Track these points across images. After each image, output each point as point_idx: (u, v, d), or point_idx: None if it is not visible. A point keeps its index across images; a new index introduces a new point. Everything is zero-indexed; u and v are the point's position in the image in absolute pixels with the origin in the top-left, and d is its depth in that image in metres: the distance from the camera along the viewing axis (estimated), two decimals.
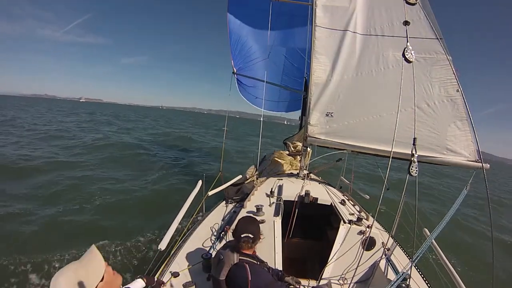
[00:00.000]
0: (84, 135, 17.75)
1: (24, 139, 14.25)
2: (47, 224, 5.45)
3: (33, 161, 9.77)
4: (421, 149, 3.09)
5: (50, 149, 12.33)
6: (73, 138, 16.14)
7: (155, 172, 10.27)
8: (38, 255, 4.36)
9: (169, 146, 17.64)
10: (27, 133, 16.32)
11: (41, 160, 10.11)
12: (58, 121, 26.15)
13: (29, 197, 6.75)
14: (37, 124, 21.91)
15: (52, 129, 19.77)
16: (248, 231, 1.98)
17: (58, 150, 12.40)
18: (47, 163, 9.83)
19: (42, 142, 13.99)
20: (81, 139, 16.06)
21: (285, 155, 6.33)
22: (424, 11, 3.54)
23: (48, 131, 18.17)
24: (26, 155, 10.54)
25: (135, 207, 6.81)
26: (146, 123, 37.36)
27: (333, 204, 3.45)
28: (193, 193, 3.45)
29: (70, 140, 15.27)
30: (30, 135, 15.65)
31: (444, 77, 3.49)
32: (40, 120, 25.35)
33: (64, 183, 7.92)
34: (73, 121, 28.28)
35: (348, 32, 4.01)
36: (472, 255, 6.43)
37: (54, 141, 14.45)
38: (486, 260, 6.06)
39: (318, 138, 4.06)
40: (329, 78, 4.00)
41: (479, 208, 10.63)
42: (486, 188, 2.31)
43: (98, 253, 1.23)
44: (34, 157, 10.35)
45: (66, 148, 13.05)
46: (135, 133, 22.91)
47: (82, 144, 14.32)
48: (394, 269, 2.57)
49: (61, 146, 13.25)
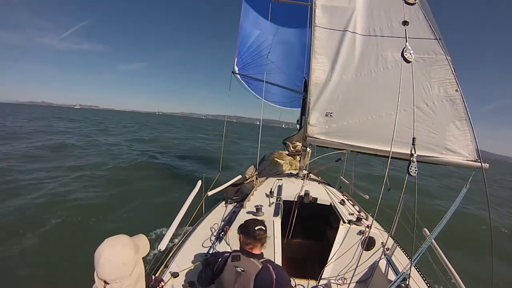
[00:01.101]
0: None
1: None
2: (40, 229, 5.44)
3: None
4: (420, 149, 3.10)
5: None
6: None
7: (154, 173, 10.27)
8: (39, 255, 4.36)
9: (166, 148, 17.66)
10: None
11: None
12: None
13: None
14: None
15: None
16: (260, 224, 1.96)
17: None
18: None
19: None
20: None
21: (285, 155, 6.34)
22: (423, 11, 3.54)
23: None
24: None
25: (134, 208, 6.80)
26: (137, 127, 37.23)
27: (333, 204, 3.45)
28: (192, 193, 3.44)
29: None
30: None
31: (443, 77, 3.49)
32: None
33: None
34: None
35: (347, 32, 4.01)
36: (472, 254, 6.43)
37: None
38: (486, 259, 6.06)
39: (318, 138, 4.06)
40: (328, 78, 4.00)
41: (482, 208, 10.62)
42: (485, 187, 2.32)
43: (146, 239, 1.48)
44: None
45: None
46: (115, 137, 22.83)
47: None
48: (393, 269, 2.57)
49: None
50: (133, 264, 1.29)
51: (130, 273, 1.26)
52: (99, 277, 1.21)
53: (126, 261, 1.25)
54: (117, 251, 1.24)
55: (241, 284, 1.71)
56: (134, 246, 1.32)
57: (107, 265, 1.20)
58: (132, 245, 1.31)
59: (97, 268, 1.20)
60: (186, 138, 28.13)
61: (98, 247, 1.24)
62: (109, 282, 1.20)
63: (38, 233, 5.12)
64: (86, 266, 1.38)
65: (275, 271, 1.74)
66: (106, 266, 1.20)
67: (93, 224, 5.76)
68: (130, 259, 1.27)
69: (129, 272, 1.26)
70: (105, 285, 1.21)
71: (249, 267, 1.75)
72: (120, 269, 1.23)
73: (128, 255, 1.27)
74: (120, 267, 1.22)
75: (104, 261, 1.20)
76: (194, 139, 28.09)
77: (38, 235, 5.05)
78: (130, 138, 22.36)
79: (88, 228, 5.58)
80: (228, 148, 20.98)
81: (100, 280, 1.21)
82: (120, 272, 1.22)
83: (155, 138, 24.86)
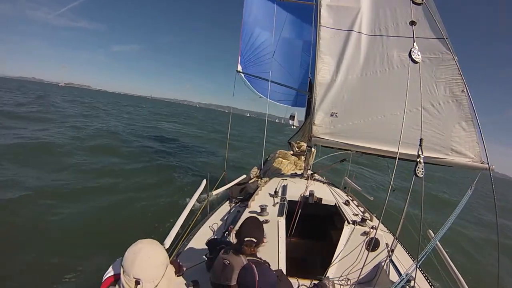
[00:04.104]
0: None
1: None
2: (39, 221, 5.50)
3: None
4: (425, 150, 3.07)
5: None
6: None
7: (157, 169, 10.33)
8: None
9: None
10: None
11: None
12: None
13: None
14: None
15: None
16: (252, 235, 1.96)
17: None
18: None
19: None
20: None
21: (289, 155, 6.34)
22: (430, 10, 3.51)
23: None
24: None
25: (138, 207, 6.84)
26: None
27: (337, 204, 3.44)
28: (197, 192, 3.47)
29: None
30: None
31: (449, 77, 3.46)
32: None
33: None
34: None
35: (353, 32, 4.00)
36: (477, 256, 6.38)
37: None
38: (492, 261, 6.01)
39: (323, 138, 4.05)
40: (333, 78, 4.00)
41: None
42: (493, 189, 2.30)
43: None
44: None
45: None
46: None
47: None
48: (398, 271, 2.57)
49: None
50: (166, 265, 1.31)
51: (163, 274, 1.27)
52: (132, 277, 1.20)
53: (164, 261, 1.29)
54: (155, 251, 1.27)
55: (225, 276, 1.82)
56: (164, 249, 1.37)
57: (146, 262, 1.21)
58: (163, 247, 1.36)
59: (132, 267, 1.19)
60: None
61: (130, 247, 1.26)
62: (142, 282, 1.20)
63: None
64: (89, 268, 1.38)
65: (260, 272, 1.77)
66: (144, 264, 1.20)
67: (90, 223, 5.77)
68: (165, 260, 1.31)
69: (163, 273, 1.27)
70: (136, 286, 1.20)
71: (235, 261, 1.85)
72: (158, 268, 1.25)
73: (165, 255, 1.31)
74: (158, 266, 1.25)
75: (142, 259, 1.20)
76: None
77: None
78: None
79: (89, 227, 5.61)
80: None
81: (132, 280, 1.19)
82: (157, 271, 1.24)
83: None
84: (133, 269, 1.19)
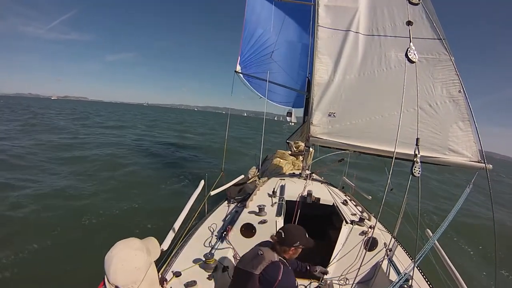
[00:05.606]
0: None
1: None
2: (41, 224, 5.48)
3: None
4: (423, 149, 3.08)
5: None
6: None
7: (156, 170, 10.30)
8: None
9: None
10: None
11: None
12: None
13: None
14: None
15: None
16: (302, 244, 2.03)
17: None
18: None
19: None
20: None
21: (288, 155, 6.34)
22: (427, 10, 3.53)
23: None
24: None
25: (136, 207, 6.82)
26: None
27: (335, 204, 3.45)
28: (195, 193, 3.45)
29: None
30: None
31: (446, 78, 3.48)
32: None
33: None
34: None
35: (350, 32, 4.01)
36: (475, 255, 6.41)
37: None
38: (489, 260, 6.04)
39: (321, 138, 4.06)
40: (331, 78, 4.00)
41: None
42: (489, 188, 2.31)
43: (157, 242, 1.48)
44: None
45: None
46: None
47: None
48: (396, 270, 2.57)
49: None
50: (145, 268, 1.25)
51: (143, 277, 1.23)
52: (110, 283, 1.16)
53: (139, 265, 1.21)
54: (130, 255, 1.21)
55: (253, 264, 1.89)
56: (146, 249, 1.29)
57: (120, 269, 1.16)
58: (144, 248, 1.28)
59: (109, 273, 1.16)
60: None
61: (108, 251, 1.21)
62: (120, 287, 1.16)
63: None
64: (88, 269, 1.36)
65: (284, 274, 1.81)
66: (118, 270, 1.16)
67: (93, 224, 5.77)
68: (143, 263, 1.24)
69: (142, 276, 1.22)
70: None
71: (268, 254, 1.92)
72: (134, 273, 1.19)
73: (140, 258, 1.23)
74: (133, 271, 1.19)
75: (116, 265, 1.16)
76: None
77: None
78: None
79: (88, 228, 5.59)
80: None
81: (112, 286, 1.16)
82: (133, 276, 1.19)
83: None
84: (110, 276, 1.15)
